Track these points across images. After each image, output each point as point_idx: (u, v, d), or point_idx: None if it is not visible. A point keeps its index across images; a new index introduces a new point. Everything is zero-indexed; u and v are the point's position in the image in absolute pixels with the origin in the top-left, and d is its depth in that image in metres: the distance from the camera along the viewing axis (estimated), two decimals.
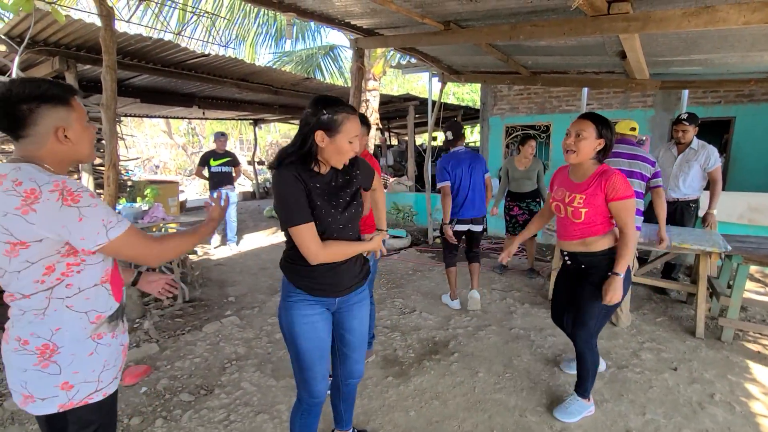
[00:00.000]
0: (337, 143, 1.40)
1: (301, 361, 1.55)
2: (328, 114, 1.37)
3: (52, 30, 3.32)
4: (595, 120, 1.84)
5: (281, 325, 1.57)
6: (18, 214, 0.99)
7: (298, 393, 1.63)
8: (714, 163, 3.46)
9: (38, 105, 1.04)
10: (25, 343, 1.07)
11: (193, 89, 6.04)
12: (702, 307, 3.16)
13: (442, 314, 3.61)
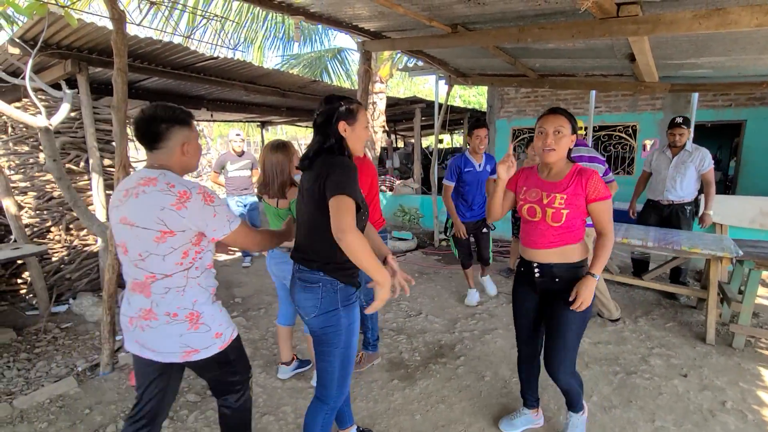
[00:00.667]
0: (357, 131, 1.54)
1: (350, 361, 1.61)
2: (345, 105, 1.51)
3: (64, 33, 3.36)
4: (567, 115, 1.73)
5: (338, 332, 1.54)
6: (173, 209, 1.30)
7: (328, 395, 1.60)
8: (708, 165, 3.55)
9: (173, 125, 1.37)
10: (174, 315, 1.39)
11: (202, 91, 6.09)
12: (713, 313, 3.11)
13: (448, 317, 3.59)
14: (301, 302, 1.56)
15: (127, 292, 1.46)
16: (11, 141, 4.00)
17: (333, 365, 1.56)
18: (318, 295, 1.51)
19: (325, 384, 1.60)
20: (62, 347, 3.09)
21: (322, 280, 1.51)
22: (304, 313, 1.58)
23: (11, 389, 2.57)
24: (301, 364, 2.69)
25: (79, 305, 3.61)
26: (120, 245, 1.39)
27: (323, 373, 1.60)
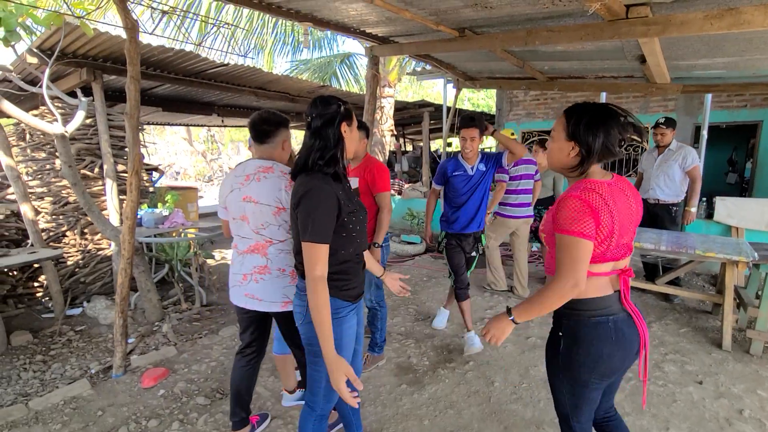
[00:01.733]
0: (353, 132, 1.55)
1: None
2: (344, 105, 1.49)
3: (80, 43, 3.46)
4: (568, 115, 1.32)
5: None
6: (285, 190, 1.74)
7: (315, 402, 1.61)
8: (691, 162, 3.62)
9: (279, 127, 1.85)
10: (283, 270, 1.82)
11: (213, 98, 6.19)
12: (728, 318, 3.04)
13: (456, 321, 3.57)
14: (294, 308, 1.60)
15: (241, 255, 1.85)
16: (29, 148, 4.11)
17: (320, 375, 1.54)
18: (305, 302, 1.49)
19: (312, 391, 1.60)
20: (76, 349, 3.15)
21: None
22: (296, 318, 1.60)
23: (27, 391, 2.62)
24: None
25: (92, 308, 3.67)
26: (240, 218, 1.81)
27: (311, 381, 1.59)
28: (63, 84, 4.05)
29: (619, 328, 1.30)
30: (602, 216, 1.22)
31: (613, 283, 1.33)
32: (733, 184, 8.57)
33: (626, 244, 1.33)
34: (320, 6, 2.90)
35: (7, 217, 3.88)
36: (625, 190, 1.33)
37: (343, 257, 1.50)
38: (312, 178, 1.43)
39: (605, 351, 1.30)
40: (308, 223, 1.37)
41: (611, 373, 1.34)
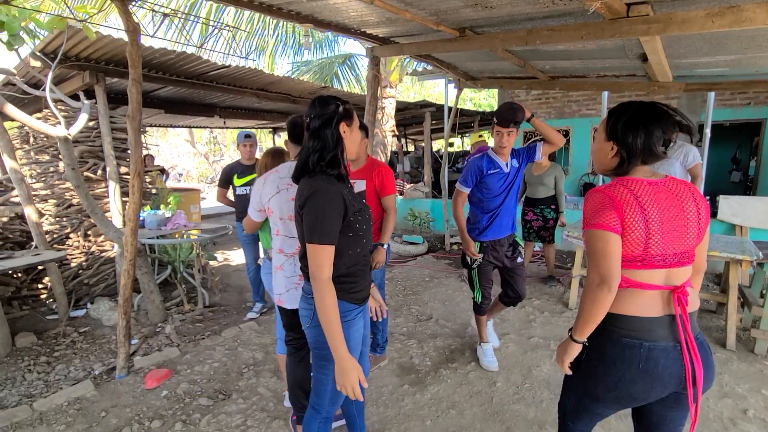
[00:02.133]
0: (354, 132, 1.51)
1: None
2: (343, 105, 1.46)
3: (82, 46, 3.48)
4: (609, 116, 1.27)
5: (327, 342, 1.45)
6: None
7: (321, 405, 1.59)
8: (693, 159, 3.54)
9: None
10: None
11: (215, 99, 6.21)
12: (733, 318, 3.03)
13: (459, 322, 3.57)
14: (300, 311, 1.57)
15: (291, 257, 1.84)
16: (33, 150, 4.14)
17: (327, 378, 1.53)
18: (311, 305, 1.47)
19: (318, 393, 1.59)
20: (80, 351, 3.17)
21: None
22: (302, 322, 1.57)
23: (32, 392, 2.64)
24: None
25: (96, 310, 3.69)
26: (288, 218, 1.79)
27: (318, 383, 1.58)
28: (66, 87, 4.08)
29: (653, 357, 1.16)
30: (627, 211, 1.14)
31: (665, 303, 1.17)
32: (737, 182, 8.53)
33: (681, 253, 1.17)
34: (321, 7, 2.91)
35: (11, 220, 3.91)
36: (679, 193, 1.19)
37: (350, 258, 1.48)
38: (316, 179, 1.40)
39: (627, 376, 1.18)
40: (315, 224, 1.35)
41: (628, 400, 1.23)
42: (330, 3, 2.78)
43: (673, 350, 1.16)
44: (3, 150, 3.43)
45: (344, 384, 1.36)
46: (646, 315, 1.17)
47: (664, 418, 1.28)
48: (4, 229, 3.84)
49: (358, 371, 1.37)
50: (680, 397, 1.21)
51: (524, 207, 4.39)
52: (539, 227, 4.30)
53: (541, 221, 4.29)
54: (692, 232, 1.18)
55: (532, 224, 4.35)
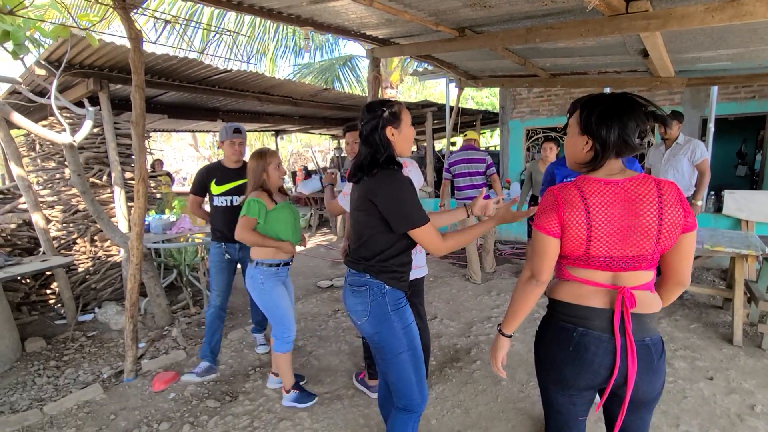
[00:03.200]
0: (403, 132, 1.54)
1: (420, 361, 1.58)
2: (388, 110, 1.50)
3: (86, 54, 3.52)
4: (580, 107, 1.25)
5: (395, 337, 1.51)
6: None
7: (412, 402, 1.55)
8: (700, 155, 3.56)
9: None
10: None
11: (217, 103, 6.26)
12: (739, 313, 3.00)
13: (463, 321, 3.57)
14: (352, 306, 1.57)
15: None
16: (39, 158, 4.19)
17: (407, 371, 1.52)
18: (366, 299, 1.52)
19: (406, 392, 1.54)
20: (88, 355, 3.21)
21: (369, 283, 1.52)
22: (355, 317, 1.57)
23: (42, 396, 2.67)
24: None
25: (103, 314, 3.73)
26: None
27: (400, 383, 1.54)
28: (71, 94, 4.13)
29: (584, 342, 1.18)
30: (568, 213, 1.14)
31: (609, 298, 1.17)
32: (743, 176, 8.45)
33: (631, 257, 1.14)
34: (320, 10, 2.92)
35: (19, 227, 3.97)
36: (638, 195, 1.12)
37: (404, 245, 1.53)
38: (386, 173, 1.47)
39: (558, 357, 1.22)
40: (406, 210, 1.44)
41: (564, 383, 1.23)
42: (329, 6, 2.80)
43: (607, 341, 1.16)
44: (10, 158, 3.47)
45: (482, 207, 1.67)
46: (583, 303, 1.19)
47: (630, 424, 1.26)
48: (12, 235, 3.89)
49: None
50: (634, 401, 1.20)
51: (530, 205, 4.41)
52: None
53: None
54: (647, 235, 1.12)
55: None
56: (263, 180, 2.30)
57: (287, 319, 2.37)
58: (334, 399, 2.51)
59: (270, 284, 2.31)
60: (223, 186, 2.76)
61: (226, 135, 2.73)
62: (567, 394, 1.26)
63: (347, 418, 2.33)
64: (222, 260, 2.78)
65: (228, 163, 2.81)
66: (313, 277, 5.06)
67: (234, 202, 2.75)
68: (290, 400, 2.43)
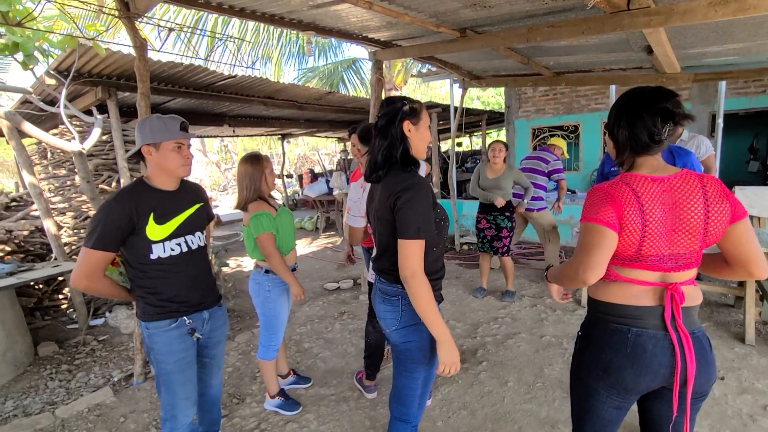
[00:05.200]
0: (421, 131, 1.46)
1: (432, 378, 1.55)
2: (408, 104, 1.44)
3: (94, 63, 3.59)
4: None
5: (421, 348, 1.46)
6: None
7: (409, 413, 1.54)
8: (705, 151, 3.49)
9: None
10: None
11: (224, 109, 6.33)
12: (751, 312, 2.95)
13: (470, 322, 3.56)
14: (382, 314, 1.53)
15: None
16: (50, 165, 4.28)
17: (416, 382, 1.50)
18: (398, 308, 1.46)
19: (406, 402, 1.53)
20: (99, 358, 3.26)
21: (401, 293, 1.45)
22: (385, 325, 1.52)
23: (54, 399, 2.73)
24: (299, 380, 2.71)
25: (114, 318, 3.79)
26: None
27: (404, 390, 1.52)
28: (80, 103, 4.21)
29: (640, 343, 1.15)
30: (627, 209, 1.11)
31: (658, 295, 1.16)
32: (756, 172, 8.30)
33: (678, 254, 1.13)
34: (322, 15, 2.95)
35: (31, 233, 4.05)
36: (686, 191, 1.12)
37: (433, 255, 1.45)
38: (407, 175, 1.40)
39: (615, 361, 1.18)
40: (414, 219, 1.32)
41: (621, 388, 1.20)
42: (330, 10, 2.82)
43: (662, 338, 1.14)
44: (22, 166, 3.56)
45: (452, 362, 1.38)
46: (636, 303, 1.17)
47: (666, 419, 1.24)
48: (25, 242, 3.98)
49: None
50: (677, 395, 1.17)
51: (478, 214, 3.99)
52: (492, 237, 3.85)
53: (494, 230, 3.84)
54: (695, 232, 1.11)
55: (485, 233, 3.90)
56: (259, 188, 2.17)
57: (280, 330, 2.34)
58: (340, 401, 2.52)
59: (276, 293, 2.27)
60: (171, 223, 1.59)
61: (168, 133, 1.57)
62: (620, 399, 1.22)
63: (353, 420, 2.34)
64: (187, 347, 1.65)
65: (164, 182, 1.60)
66: (320, 279, 5.09)
67: (192, 244, 1.66)
68: (273, 405, 2.42)
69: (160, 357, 1.58)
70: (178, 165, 1.57)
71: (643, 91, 1.17)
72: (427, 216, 1.36)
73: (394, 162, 1.43)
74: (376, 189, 1.52)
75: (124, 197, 1.50)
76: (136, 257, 1.53)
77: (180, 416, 1.63)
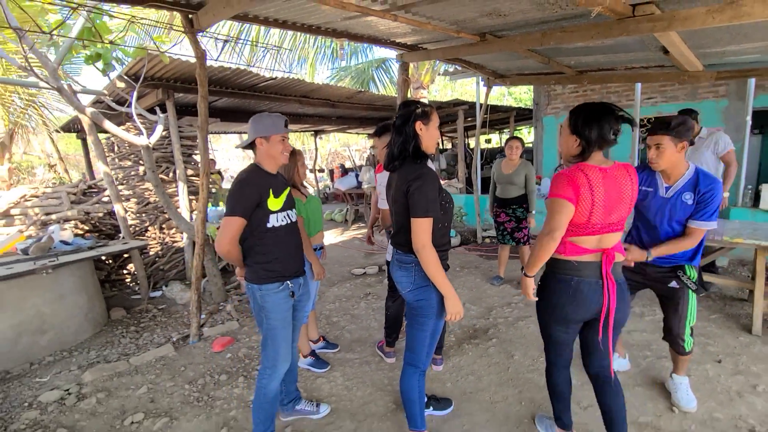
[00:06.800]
0: (430, 130, 1.78)
1: (439, 331, 1.90)
2: (421, 108, 1.76)
3: (157, 68, 4.14)
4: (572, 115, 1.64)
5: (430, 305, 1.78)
6: None
7: (419, 359, 1.88)
8: (725, 147, 3.59)
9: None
10: None
11: (263, 107, 6.85)
12: (759, 304, 3.05)
13: (484, 305, 3.84)
14: (399, 278, 1.85)
15: None
16: (117, 157, 4.91)
17: (425, 334, 1.84)
18: (411, 273, 1.78)
19: (416, 350, 1.88)
20: (160, 323, 3.81)
21: (414, 261, 1.76)
22: (401, 287, 1.85)
23: (126, 352, 3.27)
24: (327, 345, 3.10)
25: (170, 291, 4.36)
26: None
27: (415, 341, 1.86)
28: (142, 103, 4.81)
29: (580, 288, 1.66)
30: (582, 190, 1.54)
31: (597, 256, 1.64)
32: None
33: (613, 223, 1.62)
34: (353, 24, 3.30)
35: (103, 216, 4.69)
36: (620, 177, 1.61)
37: (439, 231, 1.76)
38: (418, 166, 1.72)
39: (560, 302, 1.71)
40: (422, 201, 1.64)
41: (565, 321, 1.74)
42: (361, 20, 3.17)
43: (595, 284, 1.65)
44: (98, 157, 4.16)
45: (457, 311, 1.76)
46: (580, 259, 1.65)
47: (595, 340, 1.78)
48: (99, 223, 4.62)
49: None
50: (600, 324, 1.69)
51: (496, 208, 4.18)
52: (512, 228, 4.08)
53: (514, 222, 4.07)
54: (626, 206, 1.63)
55: (505, 226, 4.12)
56: (292, 177, 2.48)
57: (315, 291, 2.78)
58: (363, 364, 2.90)
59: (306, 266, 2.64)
60: (281, 197, 1.99)
61: (274, 128, 1.94)
62: (565, 327, 1.77)
63: (374, 378, 2.71)
64: (289, 307, 1.99)
65: (270, 167, 1.99)
66: (348, 265, 5.49)
67: (292, 218, 2.04)
68: (306, 363, 2.83)
69: (270, 314, 1.90)
70: (280, 153, 1.95)
71: (596, 104, 1.61)
72: (434, 199, 1.70)
73: (407, 155, 1.76)
74: (393, 178, 1.86)
75: (252, 177, 1.89)
76: (256, 226, 1.88)
77: (279, 366, 1.97)
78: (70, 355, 3.23)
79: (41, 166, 11.29)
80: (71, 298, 3.41)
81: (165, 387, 2.71)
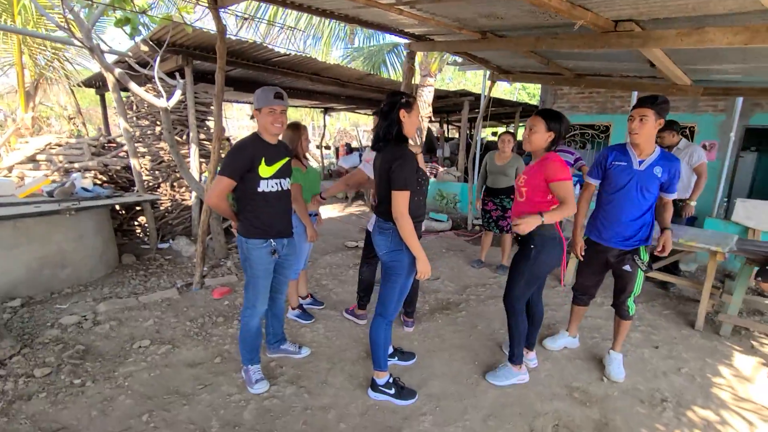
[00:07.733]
0: (412, 118, 2.08)
1: (406, 289, 2.25)
2: (406, 98, 2.07)
3: (178, 36, 4.41)
4: (545, 116, 2.20)
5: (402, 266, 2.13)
6: None
7: (387, 311, 2.22)
8: (698, 159, 3.86)
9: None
10: None
11: (275, 81, 7.10)
12: (704, 302, 3.38)
13: (461, 284, 4.20)
14: (378, 242, 2.18)
15: None
16: (135, 116, 5.22)
17: (394, 290, 2.18)
18: (389, 237, 2.10)
19: (385, 303, 2.22)
20: (166, 271, 4.20)
21: (392, 228, 2.09)
22: (378, 249, 2.19)
23: (136, 291, 3.67)
24: (314, 302, 3.47)
25: (177, 244, 4.74)
26: None
27: (386, 296, 2.20)
28: (162, 67, 5.06)
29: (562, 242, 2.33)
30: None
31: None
32: None
33: None
34: (364, 12, 3.55)
35: (120, 170, 5.04)
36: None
37: (415, 204, 2.08)
38: (399, 148, 2.04)
39: (557, 255, 2.30)
40: (401, 176, 1.96)
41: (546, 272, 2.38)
42: (371, 10, 3.42)
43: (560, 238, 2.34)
44: (120, 114, 4.48)
45: (426, 270, 2.09)
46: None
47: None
48: (116, 176, 4.98)
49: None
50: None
51: (485, 197, 4.46)
52: (498, 217, 4.38)
53: (500, 211, 4.36)
54: None
55: (491, 214, 4.42)
56: (296, 149, 2.81)
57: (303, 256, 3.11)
58: (344, 320, 3.28)
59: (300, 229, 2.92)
60: (274, 166, 2.20)
61: (264, 101, 2.12)
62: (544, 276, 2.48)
63: (351, 332, 3.09)
64: (270, 261, 2.29)
65: (267, 137, 2.19)
66: (343, 238, 5.85)
67: (284, 186, 2.27)
68: (293, 315, 3.21)
69: (253, 264, 2.22)
70: (269, 124, 2.12)
71: (557, 111, 2.25)
72: (411, 176, 2.04)
73: (390, 138, 2.09)
74: (378, 157, 2.19)
75: (247, 144, 2.12)
76: (248, 189, 2.13)
77: (258, 307, 2.31)
78: (86, 290, 3.63)
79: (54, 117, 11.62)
80: (89, 240, 3.79)
81: (169, 322, 3.11)
